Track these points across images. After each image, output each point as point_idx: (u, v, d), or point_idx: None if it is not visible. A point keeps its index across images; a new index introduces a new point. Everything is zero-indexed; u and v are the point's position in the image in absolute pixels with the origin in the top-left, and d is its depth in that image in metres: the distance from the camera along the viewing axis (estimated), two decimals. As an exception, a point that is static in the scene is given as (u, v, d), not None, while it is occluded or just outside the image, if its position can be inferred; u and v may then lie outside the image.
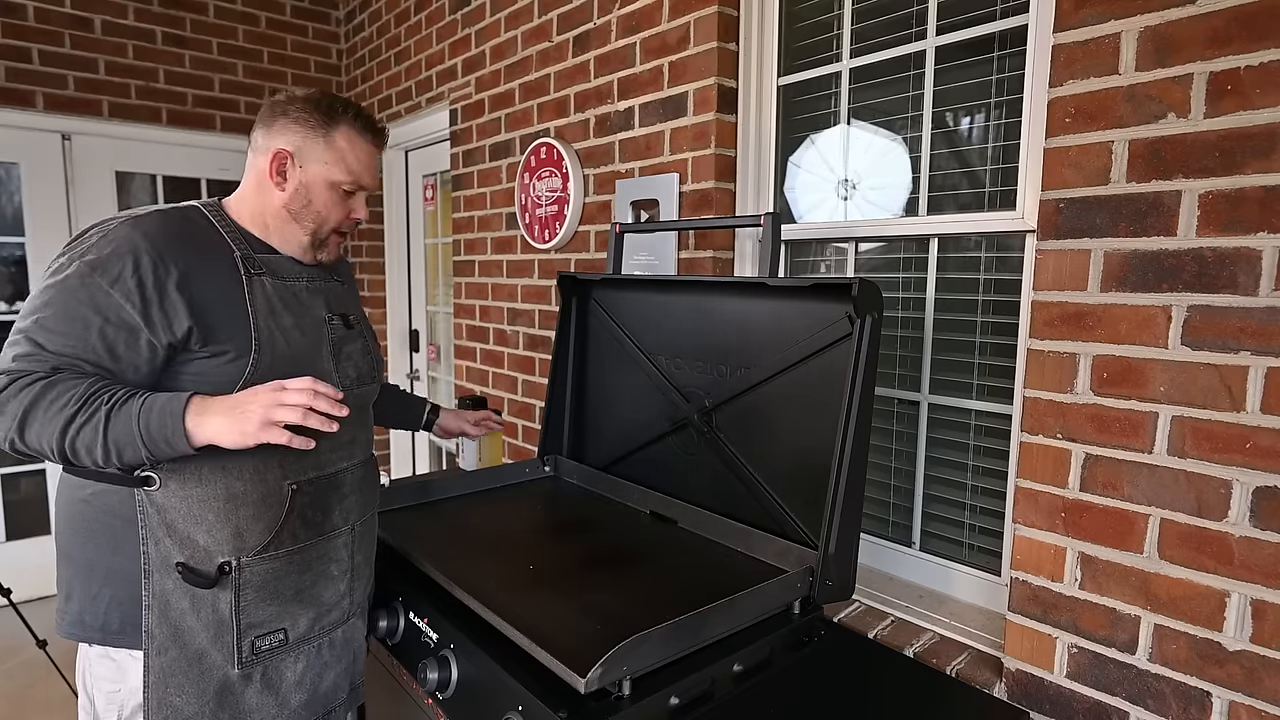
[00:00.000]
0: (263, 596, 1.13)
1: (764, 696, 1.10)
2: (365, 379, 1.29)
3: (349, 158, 1.17)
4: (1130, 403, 1.07)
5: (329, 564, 1.21)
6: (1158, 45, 1.02)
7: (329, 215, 1.19)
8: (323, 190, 1.17)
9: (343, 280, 1.33)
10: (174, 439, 0.99)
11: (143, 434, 0.98)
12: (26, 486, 3.38)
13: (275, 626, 1.15)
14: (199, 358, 1.07)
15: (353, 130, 1.17)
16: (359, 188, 1.20)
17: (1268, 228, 0.94)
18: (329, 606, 1.22)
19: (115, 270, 1.02)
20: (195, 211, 1.15)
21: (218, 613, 1.10)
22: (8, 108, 3.09)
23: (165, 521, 1.07)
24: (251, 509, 1.11)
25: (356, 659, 1.31)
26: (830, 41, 1.67)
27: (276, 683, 1.17)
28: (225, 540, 1.09)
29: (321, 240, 1.22)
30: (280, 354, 1.12)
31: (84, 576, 1.11)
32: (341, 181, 1.17)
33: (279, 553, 1.14)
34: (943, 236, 1.49)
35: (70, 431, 0.98)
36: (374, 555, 1.36)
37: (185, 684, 1.10)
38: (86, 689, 1.15)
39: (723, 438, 1.53)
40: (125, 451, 0.99)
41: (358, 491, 1.27)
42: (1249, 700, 0.99)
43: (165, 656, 1.09)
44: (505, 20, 2.51)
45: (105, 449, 0.99)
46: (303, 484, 1.15)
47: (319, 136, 1.15)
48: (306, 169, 1.15)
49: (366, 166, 1.20)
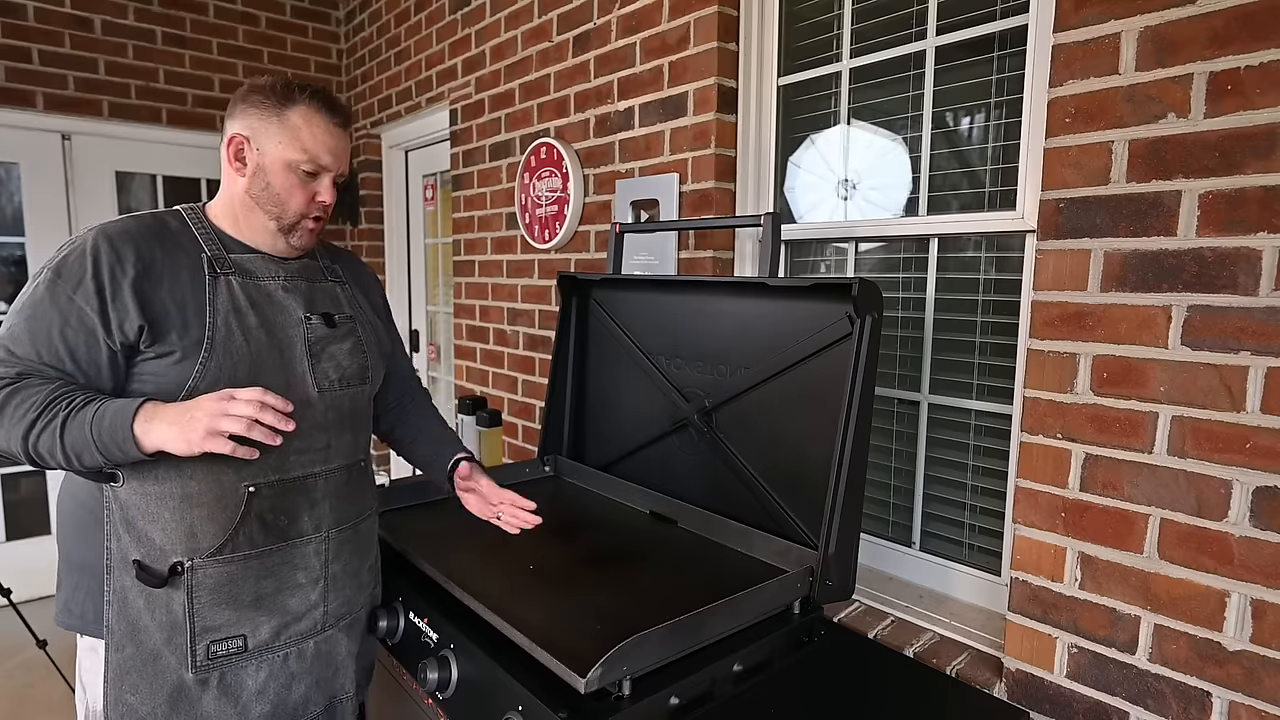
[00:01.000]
0: (217, 600, 1.11)
1: (764, 696, 1.10)
2: (351, 380, 1.24)
3: (304, 135, 1.12)
4: (1130, 403, 1.07)
5: (294, 571, 1.17)
6: (1158, 45, 1.02)
7: (289, 199, 1.15)
8: (280, 172, 1.13)
9: (341, 279, 1.30)
10: (125, 445, 0.99)
11: (96, 441, 0.99)
12: (26, 486, 3.38)
13: (233, 632, 1.13)
14: (148, 358, 1.07)
15: (309, 108, 1.13)
16: (319, 168, 1.15)
17: (1268, 228, 0.94)
18: (296, 616, 1.18)
19: (76, 275, 1.04)
20: (171, 215, 1.16)
21: (171, 613, 1.09)
22: (8, 108, 3.09)
23: (126, 518, 1.08)
24: (205, 509, 1.09)
25: (338, 673, 1.26)
26: (830, 41, 1.67)
27: (236, 690, 1.14)
28: (179, 540, 1.09)
29: (290, 226, 1.17)
30: (238, 353, 1.10)
31: (67, 566, 1.15)
32: (298, 161, 1.13)
33: (235, 556, 1.11)
34: (943, 236, 1.49)
35: (31, 437, 1.00)
36: (367, 568, 1.31)
37: (139, 683, 1.10)
38: (81, 680, 1.18)
39: (723, 438, 1.53)
40: (84, 456, 1.01)
41: (333, 498, 1.22)
42: (1249, 700, 0.99)
43: (123, 653, 1.10)
44: (505, 20, 2.51)
45: (64, 454, 1.01)
46: (261, 486, 1.12)
47: (273, 117, 1.12)
48: (263, 151, 1.13)
49: (324, 145, 1.14)
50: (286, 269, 1.21)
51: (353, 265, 1.38)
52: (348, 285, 1.31)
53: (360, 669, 1.32)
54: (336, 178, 1.19)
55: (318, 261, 1.28)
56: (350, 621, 1.28)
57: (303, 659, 1.20)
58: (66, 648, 2.33)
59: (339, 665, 1.26)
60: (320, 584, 1.21)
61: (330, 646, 1.24)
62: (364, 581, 1.30)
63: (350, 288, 1.32)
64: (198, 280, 1.10)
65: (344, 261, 1.36)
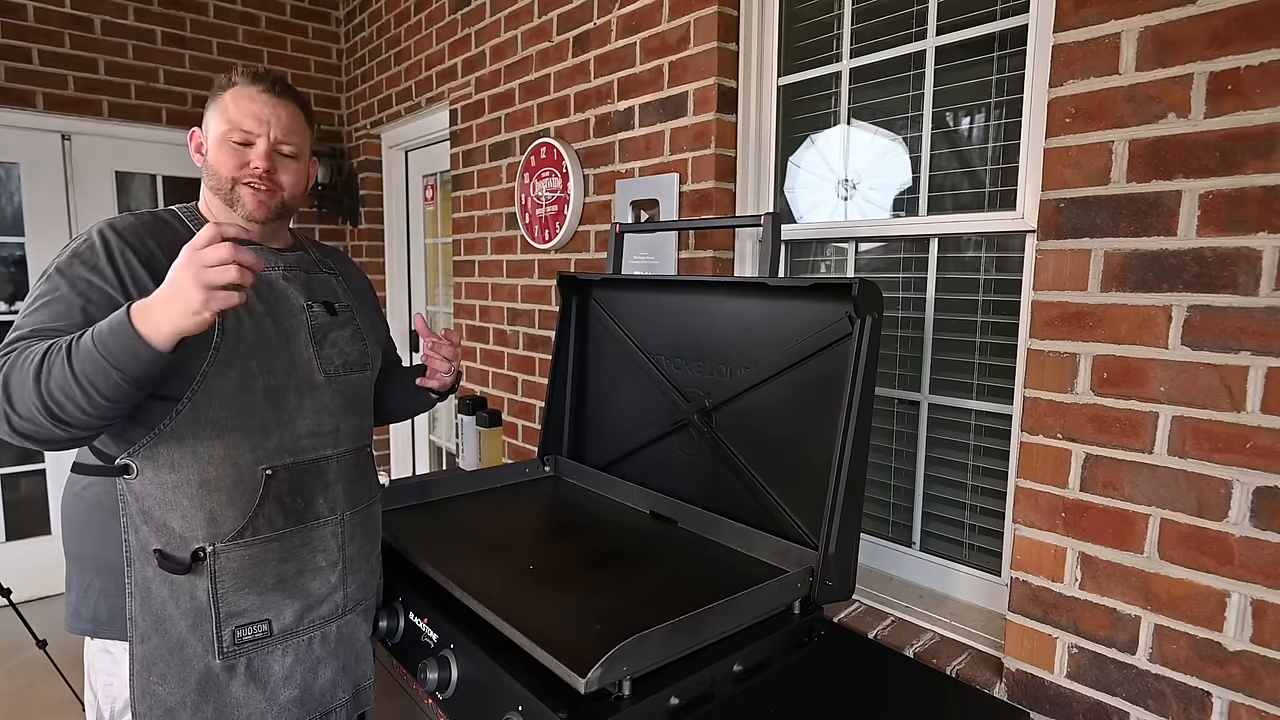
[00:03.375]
0: (241, 584, 1.13)
1: (764, 696, 1.10)
2: (354, 366, 1.29)
3: (230, 109, 1.18)
4: (1130, 403, 1.07)
5: (314, 554, 1.20)
6: (1158, 45, 1.02)
7: (220, 167, 1.18)
8: (214, 148, 1.18)
9: (335, 271, 1.35)
10: (137, 347, 0.92)
11: (105, 355, 0.92)
12: (26, 486, 3.38)
13: (258, 617, 1.15)
14: None
15: (239, 85, 1.19)
16: (245, 134, 1.17)
17: (1268, 228, 0.94)
18: (318, 599, 1.21)
19: (91, 258, 1.07)
20: (168, 213, 1.20)
21: (195, 600, 1.10)
22: (8, 108, 3.09)
23: (143, 509, 1.09)
24: (225, 494, 1.11)
25: (360, 659, 1.29)
26: (830, 41, 1.67)
27: (264, 676, 1.16)
28: (199, 526, 1.10)
29: (229, 196, 1.18)
30: (247, 338, 1.13)
31: (78, 569, 1.15)
32: (226, 132, 1.17)
33: (255, 539, 1.13)
34: (943, 236, 1.49)
35: (43, 380, 0.93)
36: (377, 553, 1.35)
37: (167, 673, 1.10)
38: (91, 685, 1.17)
39: (723, 438, 1.53)
40: (98, 381, 0.93)
41: (345, 480, 1.26)
42: (1249, 700, 0.99)
43: (148, 644, 1.10)
44: (505, 20, 2.51)
45: (80, 386, 0.93)
46: (278, 469, 1.15)
47: (214, 104, 1.20)
48: (208, 135, 1.20)
49: (247, 112, 1.17)
50: (284, 260, 1.25)
51: (342, 261, 1.44)
52: (340, 278, 1.37)
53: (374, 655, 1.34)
54: (279, 146, 1.20)
55: (310, 255, 1.33)
56: (366, 607, 1.31)
57: (326, 643, 1.23)
58: (66, 648, 2.34)
59: (359, 651, 1.29)
60: (339, 566, 1.24)
61: (351, 630, 1.27)
62: (374, 567, 1.34)
63: (347, 279, 1.38)
64: None
65: (334, 257, 1.42)
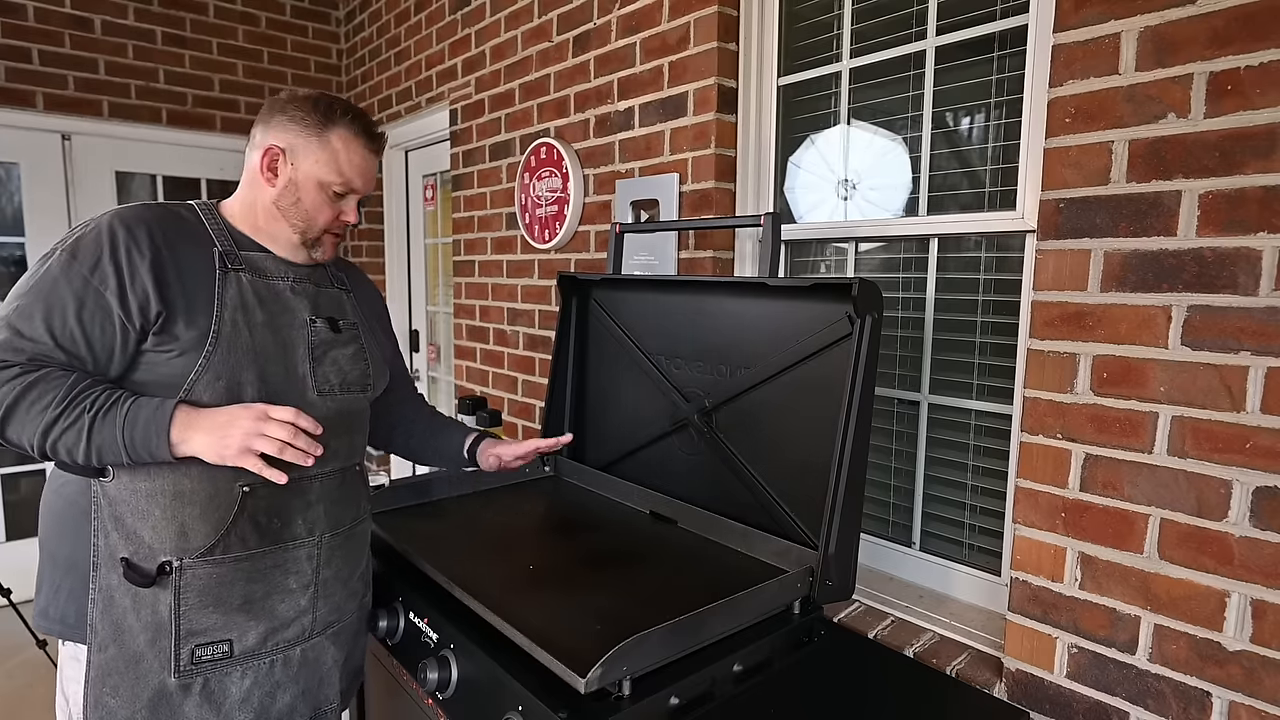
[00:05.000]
0: (205, 602, 1.09)
1: (764, 696, 1.10)
2: (352, 387, 1.25)
3: (341, 159, 1.16)
4: (1130, 403, 1.07)
5: (286, 576, 1.16)
6: (1158, 45, 1.02)
7: (316, 215, 1.18)
8: (312, 190, 1.16)
9: (346, 287, 1.31)
10: (157, 450, 1.00)
11: (126, 444, 1.00)
12: (26, 486, 3.38)
13: (219, 637, 1.11)
14: (151, 349, 1.06)
15: (348, 132, 1.16)
16: (350, 190, 1.19)
17: (1268, 228, 0.94)
18: (284, 622, 1.16)
19: (93, 256, 1.04)
20: (185, 208, 1.16)
21: (157, 615, 1.07)
22: (8, 108, 3.09)
23: (115, 514, 1.07)
24: (198, 508, 1.08)
25: (324, 683, 1.23)
26: (830, 41, 1.67)
27: (219, 697, 1.12)
28: (169, 538, 1.07)
29: (313, 240, 1.20)
30: (243, 350, 1.10)
31: (50, 567, 1.13)
32: (331, 182, 1.16)
33: (225, 558, 1.10)
34: (943, 236, 1.49)
35: (53, 434, 0.99)
36: (358, 575, 1.29)
37: (120, 685, 1.07)
38: (63, 690, 1.15)
39: (723, 438, 1.53)
40: (106, 455, 1.01)
41: (327, 501, 1.21)
42: (1249, 700, 0.99)
43: (105, 654, 1.08)
44: (505, 20, 2.51)
45: (87, 452, 1.00)
46: (256, 487, 1.10)
47: (313, 135, 1.15)
48: (298, 167, 1.15)
49: (359, 170, 1.18)
50: (296, 271, 1.22)
51: (356, 276, 1.40)
52: (352, 294, 1.33)
53: (346, 675, 1.30)
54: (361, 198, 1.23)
55: (325, 269, 1.29)
56: (338, 630, 1.25)
57: (289, 666, 1.18)
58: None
59: (324, 675, 1.24)
60: (310, 590, 1.19)
61: (317, 654, 1.22)
62: (354, 589, 1.29)
63: (354, 297, 1.33)
64: (208, 271, 1.11)
65: (349, 272, 1.38)
